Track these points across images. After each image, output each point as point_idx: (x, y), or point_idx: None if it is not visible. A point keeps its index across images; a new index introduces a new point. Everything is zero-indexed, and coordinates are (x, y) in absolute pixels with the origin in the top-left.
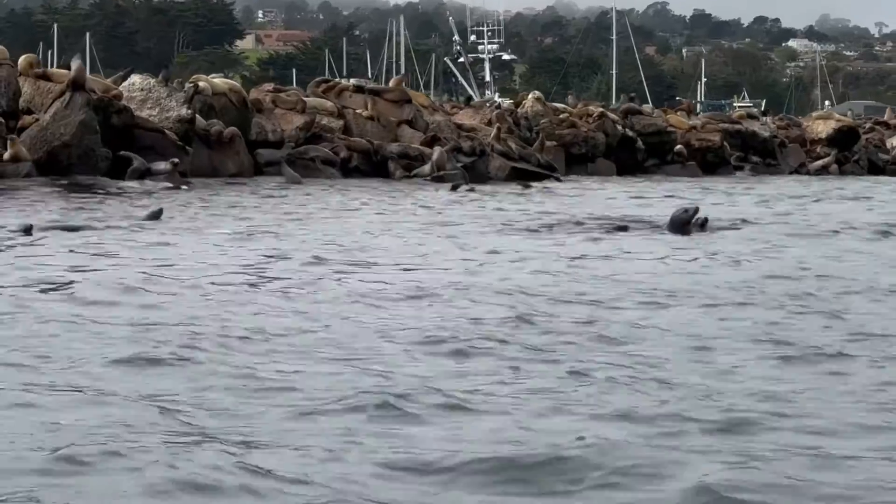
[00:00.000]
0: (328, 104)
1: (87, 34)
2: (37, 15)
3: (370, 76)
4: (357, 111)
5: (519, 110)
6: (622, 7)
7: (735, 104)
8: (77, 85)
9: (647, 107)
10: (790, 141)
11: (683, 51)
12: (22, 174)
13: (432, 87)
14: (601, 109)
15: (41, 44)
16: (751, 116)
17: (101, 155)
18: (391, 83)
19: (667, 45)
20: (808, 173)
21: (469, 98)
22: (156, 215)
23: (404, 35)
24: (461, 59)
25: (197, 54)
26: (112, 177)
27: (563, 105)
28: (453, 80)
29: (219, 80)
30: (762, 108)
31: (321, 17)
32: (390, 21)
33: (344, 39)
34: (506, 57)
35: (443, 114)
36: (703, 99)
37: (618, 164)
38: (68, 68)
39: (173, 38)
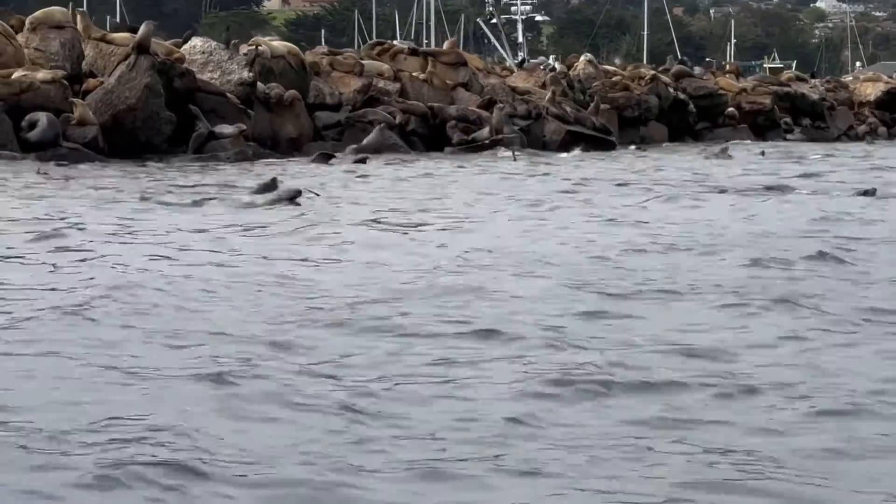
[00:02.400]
0: (384, 67)
1: None
2: None
3: (400, 37)
4: (413, 74)
5: (571, 73)
6: None
7: (765, 65)
8: (142, 48)
9: (698, 69)
10: (838, 104)
11: (711, 11)
12: (88, 138)
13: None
14: (653, 72)
15: (70, 3)
16: (799, 78)
17: (165, 118)
18: (445, 45)
19: (694, 5)
20: (857, 137)
21: (522, 62)
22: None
23: None
24: (494, 21)
25: (225, 15)
26: (176, 140)
27: (613, 68)
28: (485, 41)
29: (277, 43)
30: (793, 69)
31: None
32: None
33: (373, 0)
34: (539, 18)
35: (497, 76)
36: (732, 60)
37: (669, 127)
38: (129, 31)
39: None
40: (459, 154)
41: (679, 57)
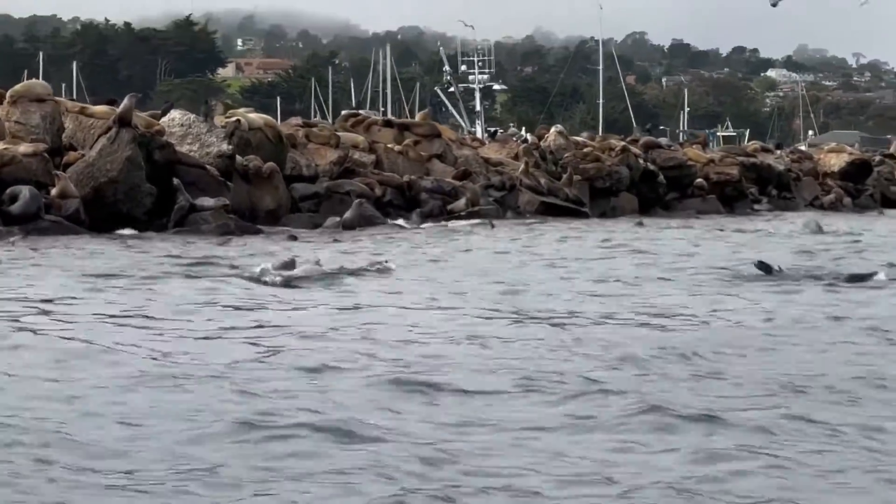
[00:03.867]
0: (359, 138)
1: (75, 63)
2: (18, 43)
3: (354, 105)
4: (388, 145)
5: (542, 144)
6: (601, 37)
7: (719, 133)
8: (124, 121)
9: (664, 140)
10: (804, 174)
11: (663, 80)
12: (70, 211)
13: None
14: (623, 143)
15: (25, 72)
16: (765, 149)
17: (146, 191)
18: (418, 117)
19: (646, 74)
20: (822, 207)
21: (495, 132)
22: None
23: (391, 64)
24: (451, 89)
25: (180, 82)
26: (156, 213)
27: (583, 139)
28: (442, 109)
29: (254, 115)
30: (746, 138)
31: (300, 45)
32: (374, 50)
33: (329, 68)
34: (497, 87)
35: (470, 148)
36: (685, 128)
37: (640, 198)
38: (108, 104)
39: (156, 65)
40: (439, 225)
41: (646, 127)
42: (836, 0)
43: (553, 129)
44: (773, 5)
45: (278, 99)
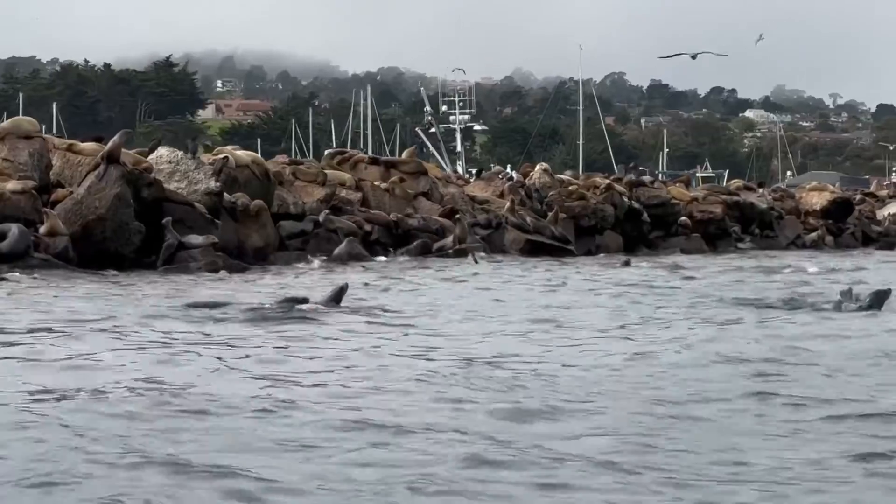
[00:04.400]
0: (346, 176)
1: (54, 104)
2: None
3: (334, 145)
4: (375, 183)
5: (527, 182)
6: (579, 77)
7: (698, 174)
8: (113, 158)
9: (647, 177)
10: (786, 213)
11: (642, 121)
12: (59, 248)
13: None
14: (608, 181)
15: (5, 113)
16: (747, 188)
17: (135, 228)
18: (404, 155)
19: (625, 115)
20: (804, 246)
21: (480, 171)
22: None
23: (371, 104)
24: (433, 130)
25: (160, 124)
26: (144, 251)
27: (567, 177)
28: (424, 149)
29: (241, 153)
30: (725, 179)
31: (280, 86)
32: (355, 91)
33: (310, 109)
34: (477, 128)
35: (455, 185)
36: (665, 169)
37: (624, 236)
38: (95, 140)
39: (135, 107)
40: (430, 260)
41: (629, 165)
42: (813, 40)
43: (538, 167)
44: (693, 57)
45: (259, 140)
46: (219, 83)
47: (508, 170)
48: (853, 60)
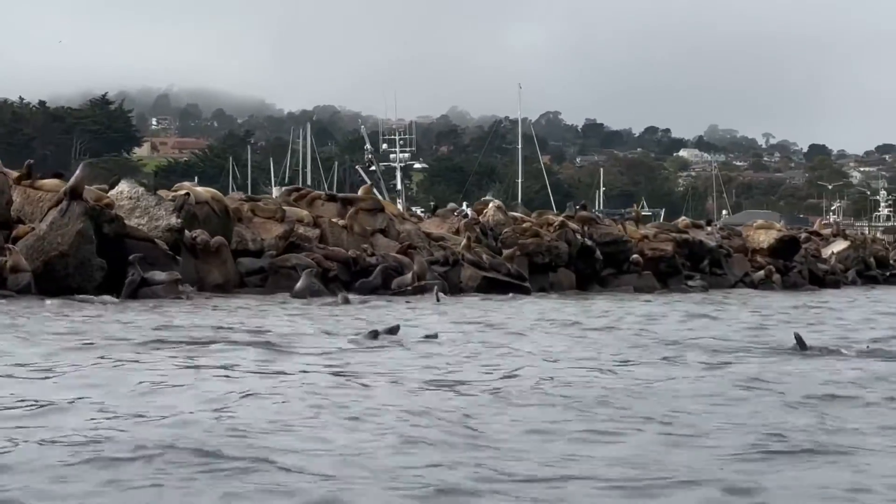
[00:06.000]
0: (303, 213)
1: None
2: None
3: (273, 183)
4: (332, 220)
5: (481, 219)
6: (515, 116)
7: (630, 210)
8: (75, 193)
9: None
10: (734, 251)
11: (578, 160)
12: (22, 285)
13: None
14: (561, 219)
15: None
16: (695, 225)
17: (97, 265)
18: (360, 192)
19: (561, 153)
20: (752, 284)
21: (436, 208)
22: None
23: (311, 143)
24: (373, 168)
25: (95, 161)
26: (106, 287)
27: (520, 214)
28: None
29: (200, 189)
30: (661, 217)
31: (215, 124)
32: (293, 129)
33: (248, 147)
34: (417, 166)
35: (411, 223)
36: (602, 208)
37: (577, 273)
38: (55, 177)
39: (70, 144)
40: (390, 298)
41: (580, 203)
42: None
43: (491, 205)
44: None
45: (196, 178)
46: (153, 121)
47: (464, 207)
48: (785, 101)
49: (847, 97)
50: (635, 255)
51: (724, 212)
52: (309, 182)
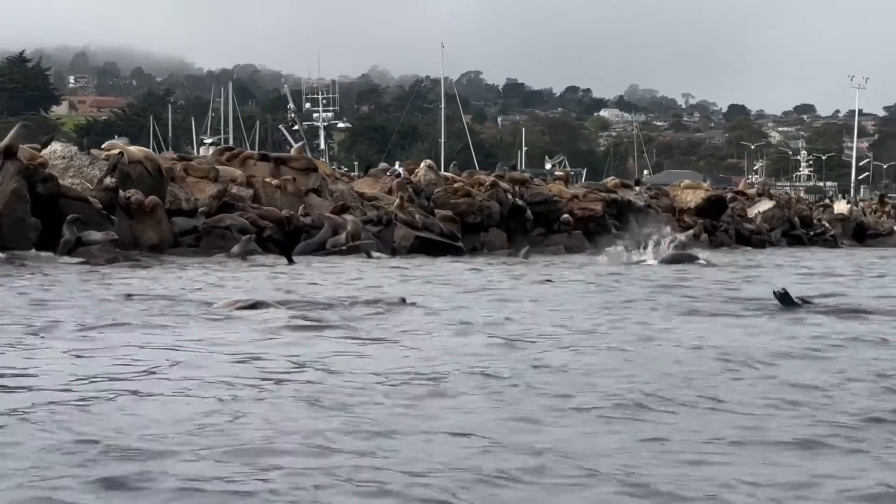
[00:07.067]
0: (237, 173)
1: None
2: None
3: (195, 142)
4: (265, 179)
5: (413, 179)
6: (436, 76)
7: (556, 172)
8: (10, 152)
9: (516, 174)
10: (662, 210)
11: (499, 119)
12: None
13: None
14: (493, 178)
15: None
16: (624, 185)
17: (32, 224)
18: (293, 151)
19: (482, 113)
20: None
21: (368, 168)
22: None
23: (233, 102)
24: (296, 128)
25: (14, 120)
26: (40, 247)
27: (451, 174)
28: (287, 147)
29: (134, 148)
30: (583, 177)
31: (134, 83)
32: (214, 87)
33: (169, 106)
34: (341, 125)
35: (344, 182)
36: (524, 167)
37: (508, 233)
38: None
39: None
40: (324, 258)
41: (510, 163)
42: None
43: (423, 164)
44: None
45: (116, 137)
46: (72, 79)
47: (397, 166)
48: (704, 62)
49: (765, 58)
50: (565, 215)
51: (645, 171)
52: (231, 141)
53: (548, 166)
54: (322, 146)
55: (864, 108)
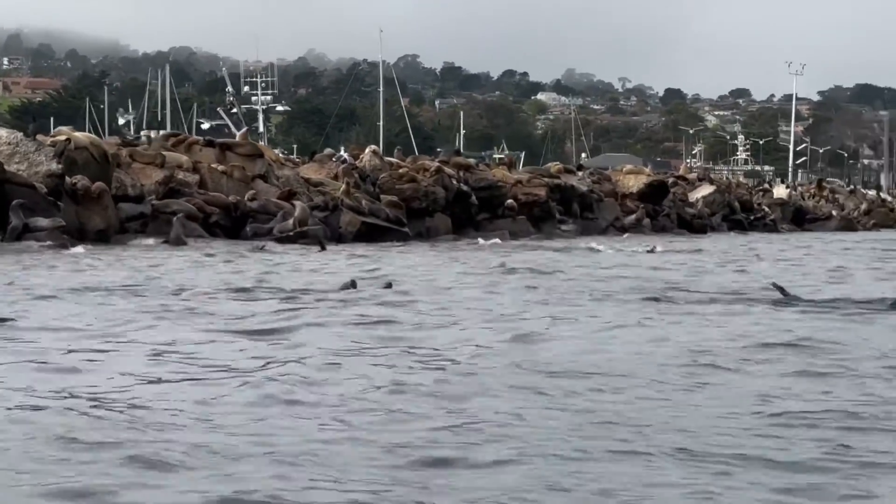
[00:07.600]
0: (183, 158)
1: None
2: None
3: (132, 124)
4: (211, 165)
5: (358, 164)
6: (374, 59)
7: (495, 156)
8: None
9: (461, 159)
10: (605, 195)
11: (437, 103)
12: None
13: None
14: (438, 164)
15: None
16: (567, 170)
17: None
18: (238, 137)
19: (420, 97)
20: (623, 228)
21: (313, 153)
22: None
23: (170, 84)
24: (234, 111)
25: None
26: None
27: (396, 160)
28: (226, 130)
29: (80, 134)
30: (522, 161)
31: (69, 64)
32: (151, 70)
33: (104, 88)
34: (280, 108)
35: (290, 168)
36: (462, 151)
37: (453, 218)
38: None
39: None
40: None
41: (455, 149)
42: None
43: (368, 150)
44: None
45: (52, 119)
46: (5, 60)
47: (342, 152)
48: (640, 46)
49: (701, 42)
50: (510, 200)
51: (583, 155)
52: (168, 124)
53: (496, 156)
54: (261, 129)
55: (798, 93)
